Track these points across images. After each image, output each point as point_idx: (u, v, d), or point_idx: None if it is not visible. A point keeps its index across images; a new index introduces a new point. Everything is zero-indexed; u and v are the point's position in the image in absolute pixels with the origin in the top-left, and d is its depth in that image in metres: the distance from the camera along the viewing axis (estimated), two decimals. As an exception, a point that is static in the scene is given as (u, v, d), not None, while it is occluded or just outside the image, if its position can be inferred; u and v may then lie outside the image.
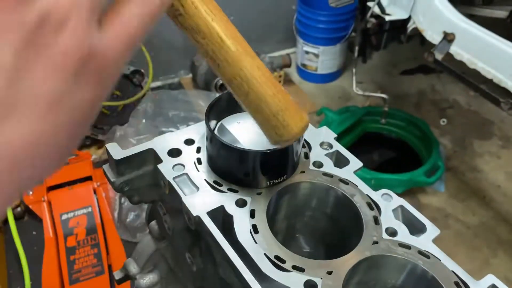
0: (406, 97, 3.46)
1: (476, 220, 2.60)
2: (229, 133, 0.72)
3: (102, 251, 2.34)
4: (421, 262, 0.59)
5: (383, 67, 3.78)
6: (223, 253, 0.59)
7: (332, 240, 0.75)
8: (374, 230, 0.63)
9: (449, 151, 3.02)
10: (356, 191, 0.68)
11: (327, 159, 0.74)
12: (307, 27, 3.27)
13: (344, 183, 0.69)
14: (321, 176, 0.70)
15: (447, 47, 1.92)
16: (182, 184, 0.69)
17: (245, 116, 0.76)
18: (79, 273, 2.26)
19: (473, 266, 2.35)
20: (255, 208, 0.65)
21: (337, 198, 0.69)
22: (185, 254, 0.76)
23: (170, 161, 0.72)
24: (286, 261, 0.59)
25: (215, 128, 0.73)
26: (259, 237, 0.61)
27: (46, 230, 2.38)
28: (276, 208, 0.70)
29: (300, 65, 3.54)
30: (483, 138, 3.13)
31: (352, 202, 0.67)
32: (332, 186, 0.68)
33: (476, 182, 2.83)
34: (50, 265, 2.29)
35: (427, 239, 0.63)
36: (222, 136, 0.71)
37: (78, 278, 2.25)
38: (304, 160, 0.73)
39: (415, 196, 2.71)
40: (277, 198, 0.69)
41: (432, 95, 3.50)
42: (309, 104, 3.31)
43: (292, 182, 0.69)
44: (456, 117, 3.29)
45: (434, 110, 3.35)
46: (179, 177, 0.69)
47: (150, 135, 2.55)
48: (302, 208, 0.73)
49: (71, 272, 2.26)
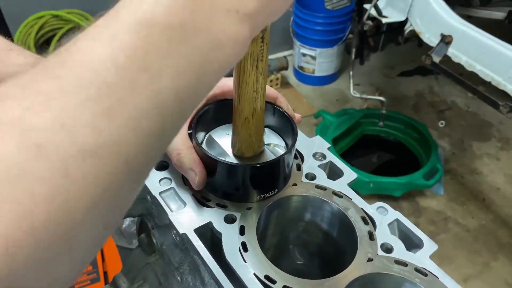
0: (404, 99, 3.44)
1: (476, 223, 2.58)
2: (217, 146, 0.69)
3: (97, 258, 2.31)
4: (418, 280, 0.56)
5: (380, 69, 3.76)
6: (211, 273, 0.57)
7: (327, 253, 0.72)
8: (369, 246, 0.60)
9: (447, 154, 3.00)
10: (350, 204, 0.66)
11: (320, 170, 0.71)
12: (304, 29, 3.25)
13: (338, 196, 0.67)
14: (314, 189, 0.67)
15: (444, 50, 1.90)
16: (168, 199, 0.66)
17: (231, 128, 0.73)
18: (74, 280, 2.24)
19: (473, 270, 2.32)
20: (244, 225, 0.62)
21: (330, 212, 0.66)
22: (174, 271, 0.73)
23: (156, 174, 0.69)
24: (276, 281, 0.56)
25: (203, 140, 0.70)
26: (249, 255, 0.59)
27: (41, 237, 2.36)
28: (267, 223, 0.68)
29: (297, 68, 3.52)
30: (482, 140, 3.11)
31: (346, 217, 0.64)
32: (325, 200, 0.65)
33: (475, 184, 2.81)
34: None
35: (424, 255, 0.60)
36: (210, 149, 0.69)
37: (72, 285, 2.23)
38: (296, 172, 0.70)
39: (414, 199, 2.68)
40: (268, 212, 0.66)
41: (430, 97, 3.48)
42: (307, 107, 3.28)
43: (283, 195, 0.67)
44: (455, 119, 3.27)
45: (432, 112, 3.33)
46: (166, 191, 0.67)
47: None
48: (294, 221, 0.70)
49: None
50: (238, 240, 0.60)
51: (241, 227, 0.62)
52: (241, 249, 0.59)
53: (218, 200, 0.66)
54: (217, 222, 0.63)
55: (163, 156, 0.72)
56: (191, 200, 0.66)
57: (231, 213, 0.64)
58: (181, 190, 0.67)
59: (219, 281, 0.55)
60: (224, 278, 0.55)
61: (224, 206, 0.65)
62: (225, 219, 0.63)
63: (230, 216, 0.63)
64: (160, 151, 0.36)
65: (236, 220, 0.63)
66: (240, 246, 0.60)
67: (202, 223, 0.62)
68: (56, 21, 2.72)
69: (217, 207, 0.65)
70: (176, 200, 0.66)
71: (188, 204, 0.65)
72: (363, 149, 2.93)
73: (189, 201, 0.66)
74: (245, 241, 0.60)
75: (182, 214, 0.63)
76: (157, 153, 0.35)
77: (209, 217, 0.63)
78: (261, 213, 0.64)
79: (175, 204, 0.66)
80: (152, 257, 0.87)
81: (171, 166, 0.70)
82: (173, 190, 0.67)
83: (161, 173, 0.69)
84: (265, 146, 0.69)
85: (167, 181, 0.68)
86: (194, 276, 0.68)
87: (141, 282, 0.90)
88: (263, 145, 0.68)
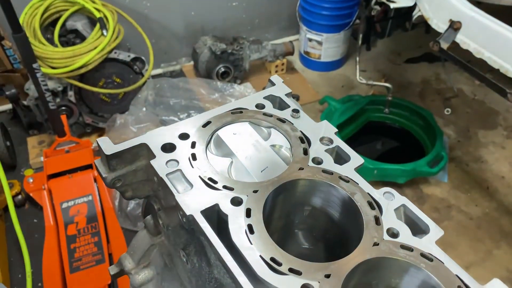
0: (410, 86, 3.42)
1: (479, 211, 2.58)
2: (225, 145, 0.69)
3: (102, 240, 2.33)
4: (423, 265, 0.56)
5: (387, 55, 3.73)
6: (217, 254, 0.57)
7: (332, 237, 0.72)
8: (375, 231, 0.60)
9: (453, 141, 2.98)
10: (356, 189, 0.66)
11: (327, 155, 0.71)
12: (311, 14, 3.21)
13: (344, 181, 0.67)
14: (320, 173, 0.67)
15: (453, 36, 1.88)
16: (175, 181, 0.66)
17: (242, 127, 0.74)
18: (79, 261, 2.26)
19: (476, 258, 2.33)
20: (251, 207, 0.62)
21: (336, 197, 0.66)
22: (180, 252, 0.73)
23: (163, 156, 0.69)
24: (282, 264, 0.56)
25: (210, 140, 0.71)
26: (255, 237, 0.59)
27: (47, 218, 2.37)
28: (273, 206, 0.68)
29: (303, 53, 3.49)
30: (487, 128, 3.10)
31: (353, 201, 0.64)
32: (332, 184, 0.65)
33: (480, 172, 2.80)
34: (51, 253, 2.28)
35: (430, 241, 0.60)
36: (218, 147, 0.69)
37: (78, 266, 2.24)
38: (303, 156, 0.70)
39: (418, 186, 2.68)
40: (274, 195, 0.66)
41: (436, 84, 3.46)
42: (312, 93, 3.27)
43: (290, 179, 0.67)
44: (461, 106, 3.24)
45: (438, 99, 3.30)
46: (173, 173, 0.67)
47: (151, 123, 2.53)
48: (300, 205, 0.70)
49: (72, 261, 2.25)
50: (245, 222, 0.61)
51: (248, 209, 0.62)
52: (247, 231, 0.60)
53: (225, 182, 0.66)
54: (224, 204, 0.63)
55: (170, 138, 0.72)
56: (198, 182, 0.66)
57: (238, 196, 0.64)
58: (188, 172, 0.67)
59: (225, 262, 0.56)
60: (230, 259, 0.56)
61: (231, 188, 0.65)
62: (232, 201, 0.63)
63: (237, 198, 0.64)
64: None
65: (242, 203, 0.63)
66: (246, 228, 0.60)
67: (209, 205, 0.62)
68: (62, 3, 2.70)
69: (224, 189, 0.65)
70: (183, 182, 0.66)
71: (195, 186, 0.65)
72: (368, 135, 2.93)
73: (196, 183, 0.66)
74: (251, 224, 0.60)
75: (189, 196, 0.63)
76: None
77: (216, 199, 0.63)
78: (268, 196, 0.64)
79: (181, 185, 0.66)
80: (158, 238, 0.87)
81: (178, 148, 0.70)
82: (180, 172, 0.67)
83: (168, 154, 0.69)
84: (270, 147, 0.70)
85: (174, 162, 0.68)
86: (200, 257, 0.69)
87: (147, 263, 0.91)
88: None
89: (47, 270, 2.22)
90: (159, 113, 2.64)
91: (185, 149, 0.71)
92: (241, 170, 0.70)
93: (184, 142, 0.72)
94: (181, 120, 0.74)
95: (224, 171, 0.69)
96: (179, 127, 0.74)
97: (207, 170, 0.68)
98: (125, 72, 2.77)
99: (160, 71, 3.33)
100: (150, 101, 2.67)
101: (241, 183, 0.66)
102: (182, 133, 0.73)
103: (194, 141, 0.72)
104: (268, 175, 0.68)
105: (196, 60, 3.12)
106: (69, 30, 2.73)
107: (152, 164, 0.67)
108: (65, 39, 2.75)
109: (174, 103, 2.71)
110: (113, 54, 2.67)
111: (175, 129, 0.73)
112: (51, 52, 2.53)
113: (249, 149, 0.70)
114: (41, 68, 2.33)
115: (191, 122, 0.75)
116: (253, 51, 3.14)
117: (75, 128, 2.80)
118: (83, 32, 2.72)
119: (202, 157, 0.70)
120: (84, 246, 2.32)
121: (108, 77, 2.74)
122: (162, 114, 2.62)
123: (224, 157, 0.71)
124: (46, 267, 2.23)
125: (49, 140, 2.81)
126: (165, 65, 3.36)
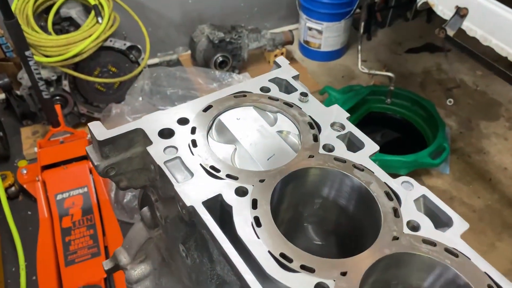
0: (411, 76, 3.37)
1: (482, 203, 2.54)
2: (227, 132, 0.64)
3: (98, 232, 2.27)
4: (448, 261, 0.51)
5: (388, 45, 3.67)
6: (221, 249, 0.52)
7: (346, 232, 0.67)
8: (394, 224, 0.55)
9: (454, 132, 2.94)
10: (372, 178, 0.60)
11: (339, 142, 0.65)
12: (311, 2, 3.15)
13: (359, 170, 0.61)
14: (332, 161, 0.62)
15: (459, 23, 1.82)
16: (174, 169, 0.60)
17: (246, 112, 0.68)
18: (74, 254, 2.20)
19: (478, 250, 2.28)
20: (257, 198, 0.57)
21: (350, 187, 0.61)
22: (179, 246, 0.68)
23: (161, 142, 0.63)
24: (293, 260, 0.51)
25: (212, 125, 0.65)
26: (262, 231, 0.54)
27: (41, 210, 2.31)
28: (281, 197, 0.62)
29: (303, 42, 3.42)
30: (490, 119, 3.05)
31: (368, 192, 0.58)
32: (345, 173, 0.60)
33: (482, 164, 2.76)
34: (45, 246, 2.23)
35: (454, 234, 0.55)
36: (220, 133, 0.64)
37: (73, 259, 2.19)
38: (312, 143, 0.65)
39: (420, 178, 2.63)
40: (283, 185, 0.61)
41: (437, 74, 3.40)
42: (312, 83, 3.20)
43: (299, 167, 0.61)
44: (463, 97, 3.19)
45: (439, 90, 3.25)
46: (171, 161, 0.61)
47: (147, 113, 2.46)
48: (310, 196, 0.65)
49: (67, 254, 2.20)
50: (251, 215, 0.55)
51: (254, 200, 0.57)
52: (253, 224, 0.54)
53: (228, 171, 0.60)
54: (228, 195, 0.57)
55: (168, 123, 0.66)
56: (199, 170, 0.60)
57: (243, 185, 0.58)
58: (188, 160, 0.61)
59: (230, 258, 0.50)
60: (236, 255, 0.50)
61: (235, 177, 0.59)
62: (236, 191, 0.58)
63: (242, 188, 0.58)
64: None
65: (248, 193, 0.57)
66: (252, 221, 0.55)
67: (211, 195, 0.57)
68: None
69: (227, 179, 0.59)
70: (182, 171, 0.60)
71: (196, 174, 0.60)
72: (369, 126, 2.87)
73: (196, 171, 0.60)
74: (258, 216, 0.55)
75: (189, 186, 0.58)
76: None
77: (219, 189, 0.58)
78: (275, 186, 0.58)
79: (181, 174, 0.60)
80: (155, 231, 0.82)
81: (176, 134, 0.64)
82: (179, 159, 0.61)
83: (166, 140, 0.64)
84: (277, 133, 0.64)
85: (173, 149, 0.62)
86: (201, 252, 0.63)
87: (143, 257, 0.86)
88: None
89: (41, 264, 2.17)
90: (156, 103, 2.58)
91: (184, 135, 0.65)
92: (246, 158, 0.64)
93: (183, 127, 0.66)
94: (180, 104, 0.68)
95: (227, 159, 0.64)
96: (178, 111, 0.68)
97: (209, 157, 0.62)
98: (120, 61, 2.71)
99: (156, 60, 3.27)
100: (147, 91, 2.60)
101: (246, 171, 0.61)
102: (181, 117, 0.67)
103: (194, 127, 0.66)
104: (275, 163, 0.62)
105: (194, 49, 3.06)
106: (63, 17, 2.66)
107: (148, 151, 0.61)
108: (59, 27, 2.69)
109: (171, 93, 2.64)
110: (109, 43, 2.61)
111: (173, 113, 0.67)
112: (44, 40, 2.47)
113: (254, 136, 0.64)
114: (34, 56, 2.27)
115: (190, 106, 0.69)
116: (252, 40, 3.08)
117: (69, 118, 2.74)
118: (77, 20, 2.66)
119: (203, 143, 0.64)
120: (79, 239, 2.28)
121: (103, 66, 2.68)
122: (159, 104, 2.56)
123: (227, 144, 0.65)
124: (41, 260, 2.18)
125: (43, 131, 2.75)
126: (162, 55, 3.29)
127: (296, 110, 0.70)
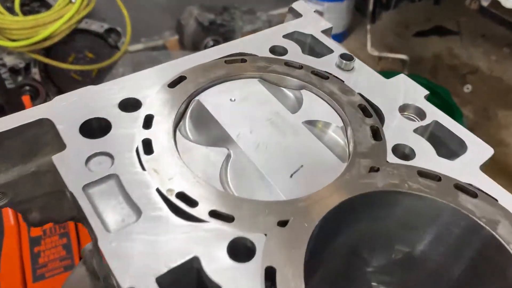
0: (421, 61, 3.10)
1: (506, 202, 2.28)
2: (214, 123, 0.33)
3: (72, 242, 2.03)
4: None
5: (393, 28, 3.40)
6: None
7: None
8: None
9: (471, 122, 2.69)
10: (497, 212, 0.30)
11: (418, 138, 0.35)
12: (311, -20, 2.86)
13: (468, 194, 0.31)
14: (416, 179, 0.32)
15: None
16: (103, 202, 0.30)
17: (246, 88, 0.38)
18: (44, 268, 1.97)
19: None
20: (275, 266, 0.26)
21: (463, 228, 0.31)
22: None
23: (82, 145, 0.33)
24: None
25: (185, 111, 0.34)
26: None
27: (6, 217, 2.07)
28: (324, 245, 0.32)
29: (302, 25, 3.14)
30: (508, 108, 2.79)
31: (496, 240, 0.28)
32: (455, 207, 0.30)
33: (503, 157, 2.51)
34: (11, 259, 1.99)
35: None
36: (199, 127, 0.33)
37: (43, 274, 1.95)
38: (373, 142, 0.35)
39: (436, 174, 2.37)
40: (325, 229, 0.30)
41: (449, 59, 3.13)
42: (312, 70, 2.93)
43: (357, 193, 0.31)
44: (478, 84, 2.93)
45: (451, 76, 2.99)
46: (99, 184, 0.30)
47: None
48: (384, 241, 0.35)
49: (36, 267, 1.97)
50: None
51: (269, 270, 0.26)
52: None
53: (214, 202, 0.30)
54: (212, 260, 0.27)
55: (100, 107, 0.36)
56: (153, 203, 0.30)
57: (244, 236, 0.28)
58: (133, 181, 0.31)
59: None
60: None
61: (229, 217, 0.29)
62: (232, 250, 0.27)
63: (243, 242, 0.28)
64: None
65: (255, 253, 0.27)
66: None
67: (177, 261, 0.26)
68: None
69: (212, 220, 0.29)
70: (119, 204, 0.30)
71: (147, 213, 0.29)
72: (377, 117, 2.60)
73: (148, 205, 0.30)
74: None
75: (132, 241, 0.27)
76: None
77: (193, 247, 0.27)
78: (311, 234, 0.28)
79: (117, 213, 0.29)
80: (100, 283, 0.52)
81: (115, 128, 0.34)
82: (114, 180, 0.31)
83: (92, 142, 0.33)
84: (304, 126, 0.33)
85: (104, 159, 0.31)
86: None
87: None
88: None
89: (6, 279, 1.95)
90: (138, 92, 2.29)
91: (129, 130, 0.34)
92: (248, 173, 0.33)
93: (128, 116, 0.35)
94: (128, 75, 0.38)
95: (213, 177, 0.33)
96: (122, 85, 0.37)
97: (176, 175, 0.31)
98: (98, 46, 2.44)
99: (140, 46, 2.99)
100: (127, 79, 2.32)
101: (250, 203, 0.30)
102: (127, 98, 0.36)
103: (151, 114, 0.35)
104: (305, 183, 0.31)
105: (182, 33, 2.78)
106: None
107: (55, 163, 0.31)
108: (29, 8, 2.43)
109: (155, 81, 2.36)
110: (84, 24, 2.34)
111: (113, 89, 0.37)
112: (9, 22, 2.21)
113: (263, 131, 0.33)
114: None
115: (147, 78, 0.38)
116: (246, 22, 2.80)
117: (41, 111, 2.46)
118: (49, 0, 2.39)
119: (166, 146, 0.33)
120: (50, 249, 2.06)
121: (79, 51, 2.42)
122: (141, 94, 2.28)
123: (212, 146, 0.34)
124: (5, 274, 1.97)
125: (11, 126, 2.47)
126: (146, 40, 3.02)
127: (335, 84, 0.39)
